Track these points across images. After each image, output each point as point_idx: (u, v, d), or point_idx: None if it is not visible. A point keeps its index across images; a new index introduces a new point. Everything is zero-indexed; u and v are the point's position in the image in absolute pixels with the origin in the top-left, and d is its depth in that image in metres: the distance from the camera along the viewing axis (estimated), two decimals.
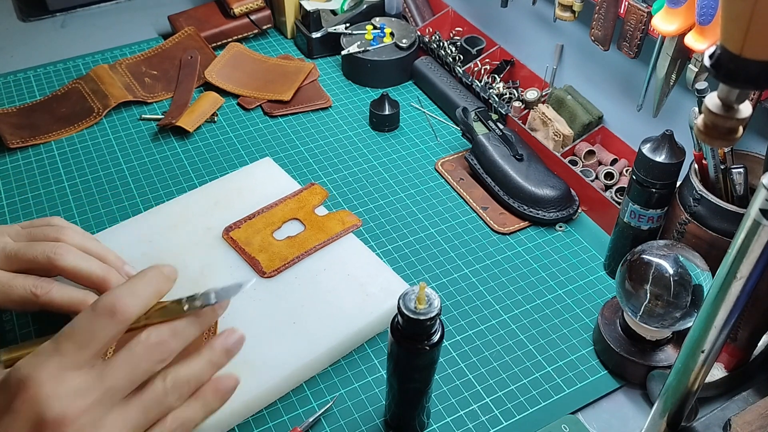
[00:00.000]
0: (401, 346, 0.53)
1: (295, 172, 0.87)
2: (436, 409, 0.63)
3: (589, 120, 0.86)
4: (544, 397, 0.65)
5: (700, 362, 0.50)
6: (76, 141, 0.92)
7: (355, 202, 0.84)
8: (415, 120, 0.97)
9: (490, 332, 0.70)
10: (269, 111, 0.97)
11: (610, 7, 0.75)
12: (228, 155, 0.90)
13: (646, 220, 0.68)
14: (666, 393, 0.55)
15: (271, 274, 0.70)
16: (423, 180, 0.87)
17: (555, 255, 0.78)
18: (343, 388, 0.65)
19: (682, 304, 0.60)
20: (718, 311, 0.46)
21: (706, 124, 0.38)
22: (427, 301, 0.51)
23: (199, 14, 1.11)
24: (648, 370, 0.64)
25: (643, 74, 0.76)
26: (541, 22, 0.93)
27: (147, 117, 0.96)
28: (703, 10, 0.61)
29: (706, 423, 0.61)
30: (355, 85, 1.03)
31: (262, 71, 1.03)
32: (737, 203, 0.62)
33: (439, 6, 1.10)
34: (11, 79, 1.02)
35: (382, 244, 0.79)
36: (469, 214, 0.83)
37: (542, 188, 0.80)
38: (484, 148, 0.85)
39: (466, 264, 0.77)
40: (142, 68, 1.03)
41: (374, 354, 0.68)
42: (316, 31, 1.06)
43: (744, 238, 0.42)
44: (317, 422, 0.62)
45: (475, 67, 0.97)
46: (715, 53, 0.36)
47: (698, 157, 0.63)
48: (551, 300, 0.73)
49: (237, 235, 0.74)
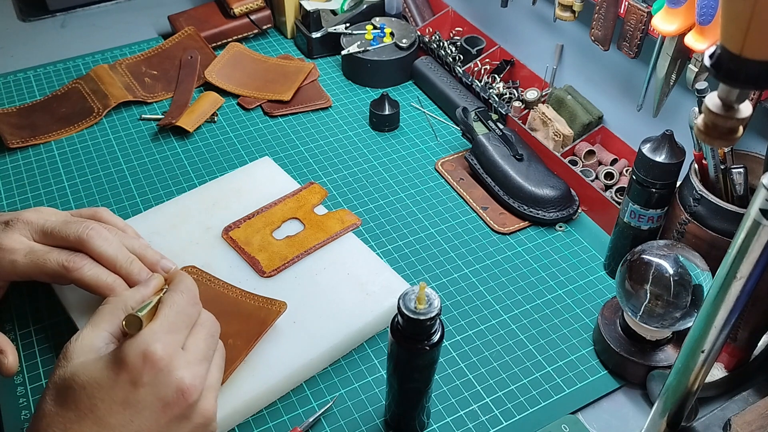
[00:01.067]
0: (401, 346, 0.53)
1: (295, 172, 0.87)
2: (436, 409, 0.63)
3: (589, 120, 0.86)
4: (544, 397, 0.65)
5: (700, 362, 0.50)
6: (76, 141, 0.92)
7: (355, 202, 0.84)
8: (415, 120, 0.97)
9: (490, 332, 0.70)
10: (269, 111, 0.97)
11: (610, 7, 0.75)
12: (228, 155, 0.90)
13: (646, 220, 0.68)
14: (666, 393, 0.54)
15: (271, 274, 0.70)
16: (423, 180, 0.87)
17: (555, 255, 0.78)
18: (343, 388, 0.65)
19: (682, 304, 0.60)
20: (718, 311, 0.46)
21: (706, 124, 0.38)
22: (427, 301, 0.51)
23: (199, 14, 1.11)
24: (648, 370, 0.64)
25: (643, 74, 0.76)
26: (541, 22, 0.93)
27: (147, 117, 0.96)
28: (703, 10, 0.61)
29: (706, 423, 0.61)
30: (355, 85, 1.03)
31: (262, 71, 1.03)
32: (737, 203, 0.62)
33: (439, 6, 1.10)
34: (11, 79, 1.02)
35: (382, 244, 0.79)
36: (469, 214, 0.83)
37: (542, 188, 0.80)
38: (484, 148, 0.85)
39: (466, 264, 0.77)
40: (142, 68, 1.03)
41: (374, 354, 0.68)
42: (316, 31, 1.06)
43: (744, 238, 0.42)
44: (317, 422, 0.62)
45: (475, 67, 0.97)
46: (715, 53, 0.36)
47: (698, 157, 0.63)
48: (551, 300, 0.73)
49: (236, 235, 0.74)
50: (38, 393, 0.64)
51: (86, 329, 0.53)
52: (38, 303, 0.71)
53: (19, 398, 0.63)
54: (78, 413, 0.49)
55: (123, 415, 0.49)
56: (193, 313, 0.56)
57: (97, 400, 0.49)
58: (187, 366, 0.52)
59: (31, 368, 0.66)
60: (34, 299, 0.71)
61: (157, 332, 0.51)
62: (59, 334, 0.68)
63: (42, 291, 0.71)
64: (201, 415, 0.53)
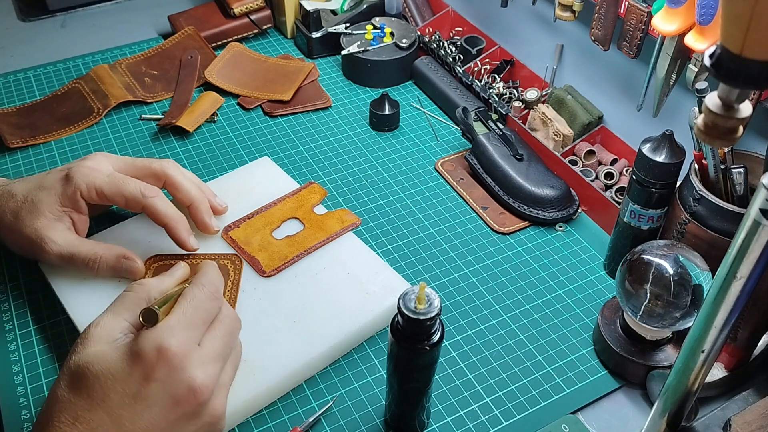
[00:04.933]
0: (401, 346, 0.53)
1: (295, 172, 0.87)
2: (436, 409, 0.63)
3: (589, 120, 0.86)
4: (544, 397, 0.65)
5: (700, 362, 0.50)
6: (76, 141, 0.92)
7: (355, 202, 0.84)
8: (415, 120, 0.97)
9: (490, 332, 0.70)
10: (269, 111, 0.97)
11: (610, 7, 0.75)
12: (228, 155, 0.90)
13: (646, 220, 0.68)
14: (666, 393, 0.55)
15: (271, 274, 0.70)
16: (423, 180, 0.87)
17: (555, 255, 0.78)
18: (343, 388, 0.65)
19: (682, 304, 0.60)
20: (718, 311, 0.46)
21: (706, 124, 0.38)
22: (427, 301, 0.51)
23: (199, 14, 1.11)
24: (648, 370, 0.64)
25: (643, 74, 0.76)
26: (541, 22, 0.93)
27: (147, 117, 0.96)
28: (703, 10, 0.61)
29: (706, 423, 0.61)
30: (355, 85, 1.03)
31: (262, 71, 1.03)
32: (737, 203, 0.62)
33: (439, 6, 1.10)
34: (11, 79, 1.02)
35: (382, 244, 0.79)
36: (469, 214, 0.83)
37: (542, 188, 0.80)
38: (484, 148, 0.85)
39: (466, 264, 0.77)
40: (142, 68, 1.03)
41: (374, 354, 0.68)
42: (316, 31, 1.06)
43: (744, 238, 0.42)
44: (317, 422, 0.62)
45: (475, 67, 0.97)
46: (715, 53, 0.36)
47: (698, 157, 0.63)
48: (551, 300, 0.73)
49: (236, 235, 0.74)
50: (38, 393, 0.63)
51: (107, 315, 0.54)
52: (38, 303, 0.71)
53: (19, 398, 0.63)
54: (90, 402, 0.49)
55: (133, 408, 0.49)
56: (213, 309, 0.56)
57: (109, 391, 0.49)
58: (201, 365, 0.52)
59: (31, 368, 0.66)
60: (34, 299, 0.71)
61: (174, 327, 0.52)
62: (59, 334, 0.68)
63: (42, 291, 0.71)
64: (210, 414, 0.53)
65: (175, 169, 0.72)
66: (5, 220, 0.68)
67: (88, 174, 0.68)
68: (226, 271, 0.69)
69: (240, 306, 0.67)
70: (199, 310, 0.54)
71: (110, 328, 0.53)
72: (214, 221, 0.73)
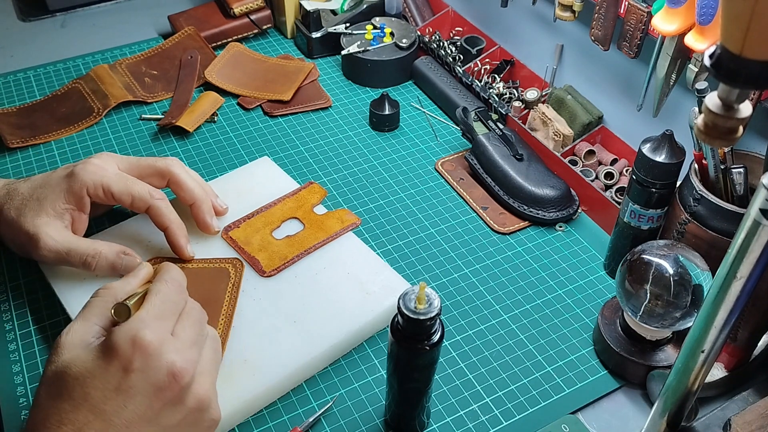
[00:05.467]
0: (401, 345, 0.53)
1: (295, 172, 0.87)
2: (436, 409, 0.63)
3: (589, 120, 0.86)
4: (544, 397, 0.65)
5: (700, 362, 0.50)
6: (76, 141, 0.92)
7: (355, 202, 0.84)
8: (415, 120, 0.97)
9: (490, 332, 0.70)
10: (269, 111, 0.97)
11: (610, 7, 0.75)
12: (228, 155, 0.90)
13: (646, 220, 0.68)
14: (666, 393, 0.55)
15: (271, 273, 0.70)
16: (423, 180, 0.87)
17: (555, 255, 0.78)
18: (343, 388, 0.65)
19: (682, 304, 0.60)
20: (718, 311, 0.46)
21: (706, 124, 0.38)
22: (427, 301, 0.51)
23: (199, 14, 1.11)
24: (648, 370, 0.64)
25: (643, 74, 0.76)
26: (541, 22, 0.93)
27: (147, 117, 0.96)
28: (703, 10, 0.61)
29: (706, 423, 0.61)
30: (355, 85, 1.03)
31: (262, 71, 1.03)
32: (737, 203, 0.62)
33: (439, 6, 1.10)
34: (11, 79, 1.02)
35: (382, 244, 0.79)
36: (469, 214, 0.83)
37: (542, 188, 0.80)
38: (484, 148, 0.85)
39: (466, 264, 0.77)
40: (142, 68, 1.03)
41: (374, 354, 0.68)
42: (316, 31, 1.06)
43: (744, 238, 0.42)
44: (317, 422, 0.62)
45: (475, 67, 0.97)
46: (715, 53, 0.36)
47: (698, 157, 0.63)
48: (551, 300, 0.73)
49: (236, 235, 0.74)
50: None
51: (77, 323, 0.54)
52: (38, 303, 0.71)
53: (19, 398, 0.63)
54: (72, 403, 0.49)
55: (116, 401, 0.49)
56: (180, 302, 0.57)
57: (90, 389, 0.49)
58: (177, 351, 0.52)
59: (31, 368, 0.66)
60: (34, 299, 0.71)
61: (145, 319, 0.52)
62: (59, 334, 0.68)
63: (42, 291, 0.72)
64: (195, 398, 0.53)
65: (179, 168, 0.72)
66: (8, 217, 0.68)
67: (95, 172, 0.68)
68: (226, 273, 0.69)
69: (240, 306, 0.67)
70: (167, 303, 0.55)
71: (82, 333, 0.53)
72: (215, 221, 0.74)
